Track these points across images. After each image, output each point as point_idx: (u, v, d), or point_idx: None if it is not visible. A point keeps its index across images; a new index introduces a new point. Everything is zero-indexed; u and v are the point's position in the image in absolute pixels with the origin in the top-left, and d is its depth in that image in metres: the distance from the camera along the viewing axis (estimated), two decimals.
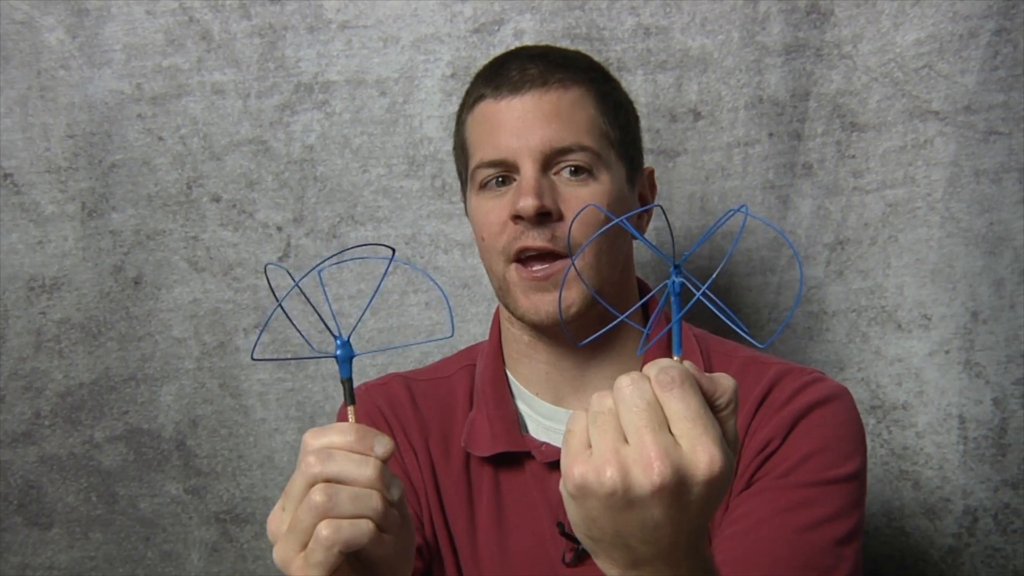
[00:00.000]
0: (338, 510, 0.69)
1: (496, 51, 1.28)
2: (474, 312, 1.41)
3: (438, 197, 1.40)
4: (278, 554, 0.71)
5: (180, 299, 1.44)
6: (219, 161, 1.41)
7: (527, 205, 0.96)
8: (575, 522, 0.66)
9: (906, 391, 1.37)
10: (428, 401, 1.09)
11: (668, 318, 0.68)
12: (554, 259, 0.99)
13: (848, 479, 0.97)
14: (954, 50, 1.31)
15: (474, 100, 1.04)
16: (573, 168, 0.99)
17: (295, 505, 0.70)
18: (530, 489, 1.02)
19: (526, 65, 1.01)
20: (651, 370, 0.63)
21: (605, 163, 1.01)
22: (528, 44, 1.31)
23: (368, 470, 0.70)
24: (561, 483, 0.65)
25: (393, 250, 0.74)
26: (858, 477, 0.98)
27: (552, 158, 0.99)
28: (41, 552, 1.48)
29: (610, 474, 0.61)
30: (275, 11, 1.39)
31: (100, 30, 1.40)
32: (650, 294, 0.84)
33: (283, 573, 0.71)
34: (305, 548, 0.69)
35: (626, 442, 0.62)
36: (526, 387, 1.07)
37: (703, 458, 0.61)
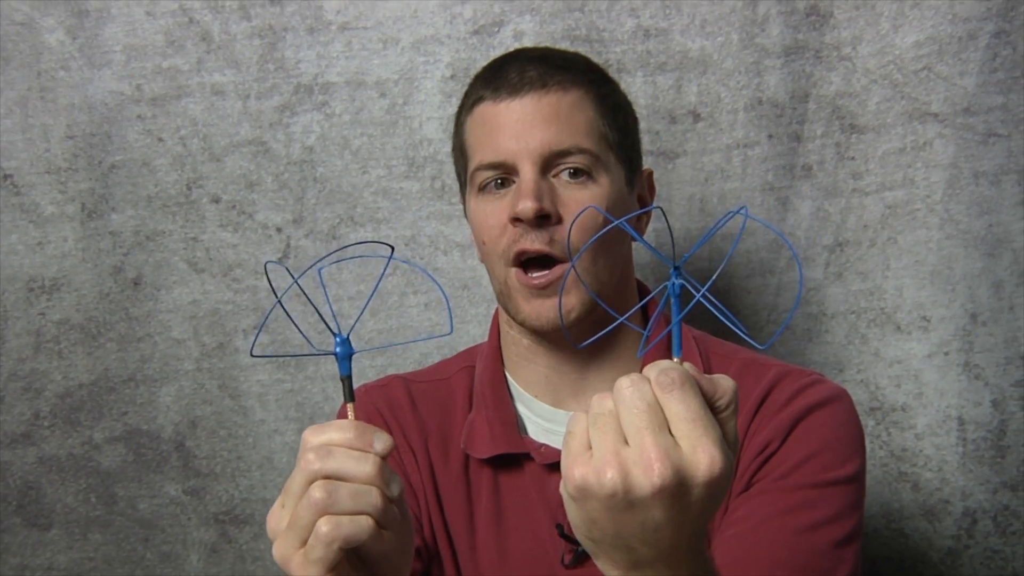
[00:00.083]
0: (338, 506, 0.69)
1: (496, 53, 1.28)
2: (473, 313, 1.41)
3: (438, 198, 1.40)
4: (278, 551, 0.71)
5: (180, 300, 1.44)
6: (219, 162, 1.41)
7: (526, 207, 0.96)
8: (575, 524, 0.66)
9: (905, 393, 1.37)
10: (427, 403, 1.09)
11: (668, 320, 0.68)
12: (552, 264, 0.99)
13: (847, 481, 0.97)
14: (953, 52, 1.32)
15: (473, 102, 1.04)
16: (572, 170, 0.99)
17: (295, 502, 0.70)
18: (529, 491, 1.02)
19: (525, 67, 1.01)
20: (651, 372, 0.63)
21: (604, 165, 1.01)
22: (527, 46, 1.32)
23: (367, 466, 0.70)
24: (561, 485, 0.65)
25: (392, 248, 0.75)
26: (857, 479, 0.98)
27: (551, 160, 0.99)
28: (40, 553, 1.48)
29: (610, 475, 0.61)
30: (275, 12, 1.39)
31: (100, 31, 1.40)
32: (650, 296, 0.84)
33: (283, 571, 0.71)
34: (305, 544, 0.69)
35: (626, 443, 0.62)
36: (525, 389, 1.07)
37: (703, 459, 0.61)
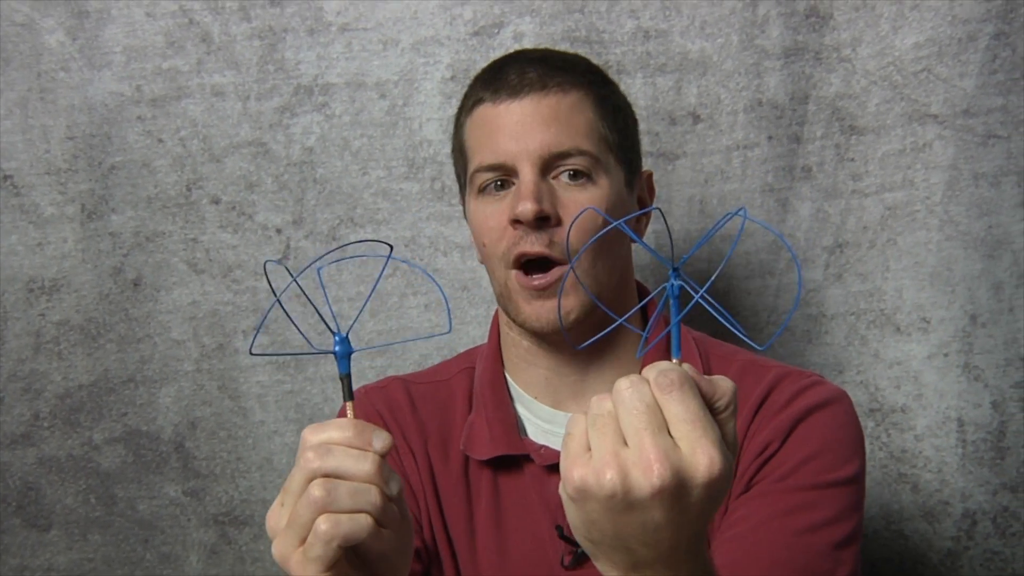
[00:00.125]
0: (337, 505, 0.69)
1: (495, 54, 1.28)
2: (473, 315, 1.41)
3: (437, 199, 1.40)
4: (277, 549, 0.71)
5: (179, 301, 1.44)
6: (219, 163, 1.41)
7: (526, 209, 0.96)
8: (575, 525, 0.66)
9: (905, 394, 1.37)
10: (427, 404, 1.08)
11: (667, 321, 0.68)
12: (551, 266, 0.99)
13: (847, 482, 0.96)
14: (953, 54, 1.32)
15: (473, 103, 1.04)
16: (572, 172, 0.99)
17: (294, 500, 0.70)
18: (529, 492, 1.02)
19: (525, 69, 1.01)
20: (650, 373, 0.63)
21: (604, 167, 1.01)
22: (527, 47, 1.32)
23: (366, 465, 0.70)
24: (561, 486, 0.65)
25: (391, 247, 0.75)
26: (857, 480, 0.98)
27: (551, 162, 0.99)
28: (40, 554, 1.48)
29: (610, 476, 0.61)
30: (275, 13, 1.39)
31: (100, 32, 1.40)
32: (648, 297, 0.84)
33: (282, 569, 0.71)
34: (304, 543, 0.69)
35: (625, 444, 0.62)
36: (525, 390, 1.07)
37: (703, 460, 0.61)
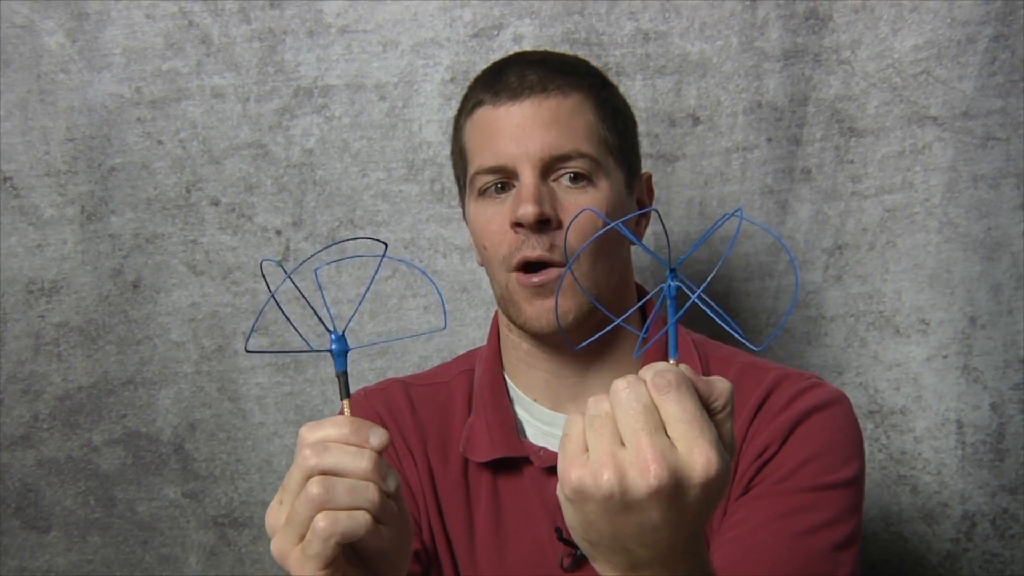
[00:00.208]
0: (335, 502, 0.69)
1: (495, 56, 1.28)
2: (473, 316, 1.41)
3: (437, 201, 1.40)
4: (276, 547, 0.71)
5: (179, 303, 1.44)
6: (218, 165, 1.42)
7: (527, 212, 0.96)
8: (572, 526, 0.66)
9: (904, 396, 1.37)
10: (427, 406, 1.08)
11: (665, 322, 0.68)
12: (552, 267, 0.99)
13: (846, 484, 0.96)
14: (952, 56, 1.32)
15: (473, 106, 1.03)
16: (573, 175, 0.99)
17: (292, 498, 0.70)
18: (528, 494, 1.02)
19: (525, 71, 1.01)
20: (647, 373, 0.63)
21: (604, 170, 1.00)
22: (527, 49, 1.32)
23: (363, 462, 0.70)
24: (558, 487, 0.65)
25: (385, 245, 0.75)
26: (856, 482, 0.98)
27: (552, 165, 0.99)
28: (39, 555, 1.48)
29: (607, 477, 0.61)
30: (275, 15, 1.39)
31: (100, 34, 1.40)
32: (646, 297, 0.84)
33: (281, 567, 0.71)
34: (302, 540, 0.70)
35: (623, 445, 0.62)
36: (525, 392, 1.07)
37: (699, 460, 0.61)
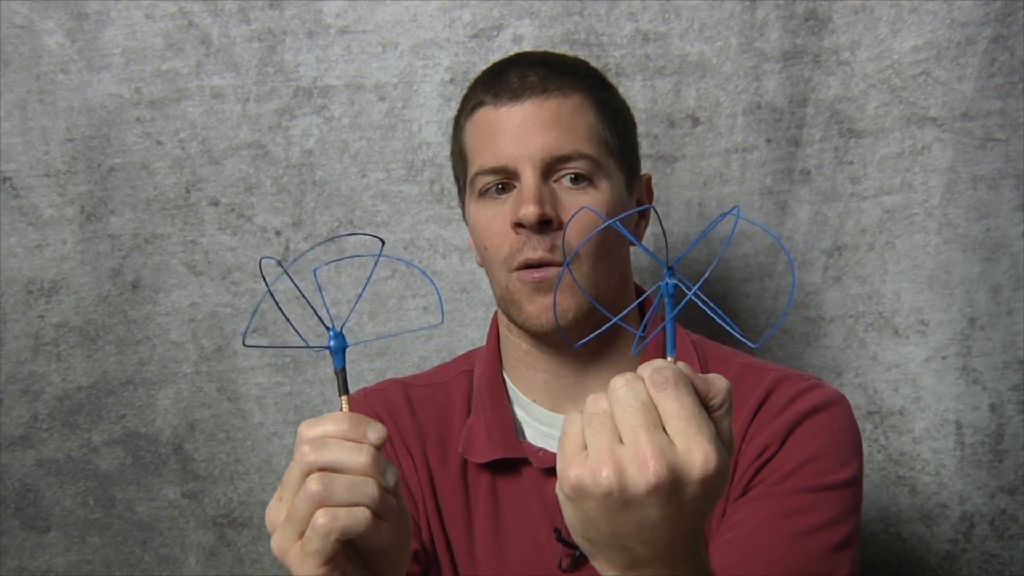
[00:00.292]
0: (334, 498, 0.69)
1: (495, 57, 1.28)
2: (472, 317, 1.41)
3: (437, 202, 1.40)
4: (276, 543, 0.71)
5: (178, 303, 1.44)
6: (218, 165, 1.42)
7: (528, 213, 0.96)
8: (572, 524, 0.66)
9: (903, 397, 1.37)
10: (426, 407, 1.08)
11: (662, 320, 0.68)
12: (553, 267, 0.99)
13: (844, 485, 0.96)
14: (951, 57, 1.32)
15: (473, 106, 1.04)
16: (573, 176, 0.99)
17: (291, 494, 0.70)
18: (527, 495, 1.02)
19: (526, 72, 1.01)
20: (645, 371, 0.63)
21: (605, 171, 1.01)
22: (527, 50, 1.32)
23: (362, 457, 0.70)
24: (557, 485, 0.65)
25: (382, 241, 0.75)
26: (855, 483, 0.98)
27: (552, 166, 0.99)
28: (38, 556, 1.48)
29: (606, 474, 0.61)
30: (274, 16, 1.39)
31: (99, 34, 1.40)
32: (644, 295, 0.84)
33: (282, 564, 0.72)
34: (302, 537, 0.70)
35: (621, 442, 0.62)
36: (524, 393, 1.07)
37: (698, 457, 0.61)
